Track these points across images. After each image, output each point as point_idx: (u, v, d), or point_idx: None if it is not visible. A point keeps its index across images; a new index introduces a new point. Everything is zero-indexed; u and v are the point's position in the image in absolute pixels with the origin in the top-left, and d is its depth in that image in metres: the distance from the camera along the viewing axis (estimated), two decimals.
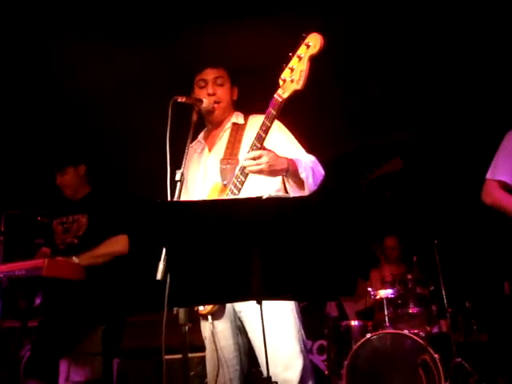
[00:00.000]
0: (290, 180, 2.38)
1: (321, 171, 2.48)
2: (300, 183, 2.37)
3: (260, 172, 2.25)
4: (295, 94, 2.25)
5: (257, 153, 2.23)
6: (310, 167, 2.40)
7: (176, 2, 3.91)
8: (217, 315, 2.47)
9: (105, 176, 4.52)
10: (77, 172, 3.59)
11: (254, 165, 2.23)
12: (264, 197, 1.65)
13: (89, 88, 4.40)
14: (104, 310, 3.42)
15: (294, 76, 2.22)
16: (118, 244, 3.41)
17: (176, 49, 4.15)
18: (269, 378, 1.79)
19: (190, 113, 2.47)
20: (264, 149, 2.28)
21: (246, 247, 1.72)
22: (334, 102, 4.49)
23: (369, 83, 4.40)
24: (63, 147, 4.14)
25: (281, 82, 2.27)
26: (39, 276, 2.99)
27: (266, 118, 2.28)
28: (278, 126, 2.52)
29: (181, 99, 2.42)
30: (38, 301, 3.45)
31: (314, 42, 2.18)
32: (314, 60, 2.22)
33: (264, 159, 2.22)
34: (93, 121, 4.60)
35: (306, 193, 2.38)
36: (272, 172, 2.27)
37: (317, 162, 2.49)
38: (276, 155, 2.29)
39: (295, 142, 2.57)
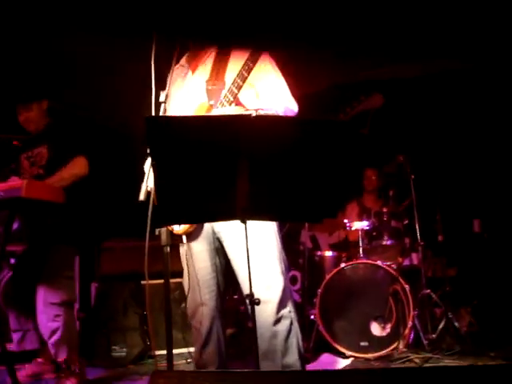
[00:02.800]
0: None
1: (294, 110, 2.50)
2: None
3: None
4: None
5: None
6: (280, 113, 2.41)
7: None
8: (194, 236, 2.47)
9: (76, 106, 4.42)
10: (40, 107, 3.61)
11: None
12: (253, 114, 1.64)
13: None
14: (81, 234, 3.46)
15: None
16: (77, 167, 3.43)
17: None
18: (251, 294, 1.82)
19: None
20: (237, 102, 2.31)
21: (232, 165, 1.72)
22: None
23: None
24: (26, 82, 4.06)
25: None
26: (18, 197, 2.96)
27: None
28: (271, 61, 2.52)
29: None
30: (15, 225, 3.43)
31: None
32: None
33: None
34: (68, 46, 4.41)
35: None
36: None
37: (290, 109, 2.49)
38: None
39: (283, 84, 2.53)
